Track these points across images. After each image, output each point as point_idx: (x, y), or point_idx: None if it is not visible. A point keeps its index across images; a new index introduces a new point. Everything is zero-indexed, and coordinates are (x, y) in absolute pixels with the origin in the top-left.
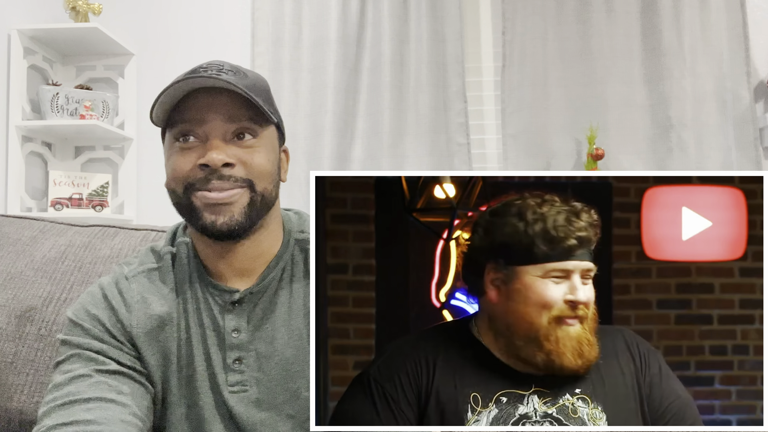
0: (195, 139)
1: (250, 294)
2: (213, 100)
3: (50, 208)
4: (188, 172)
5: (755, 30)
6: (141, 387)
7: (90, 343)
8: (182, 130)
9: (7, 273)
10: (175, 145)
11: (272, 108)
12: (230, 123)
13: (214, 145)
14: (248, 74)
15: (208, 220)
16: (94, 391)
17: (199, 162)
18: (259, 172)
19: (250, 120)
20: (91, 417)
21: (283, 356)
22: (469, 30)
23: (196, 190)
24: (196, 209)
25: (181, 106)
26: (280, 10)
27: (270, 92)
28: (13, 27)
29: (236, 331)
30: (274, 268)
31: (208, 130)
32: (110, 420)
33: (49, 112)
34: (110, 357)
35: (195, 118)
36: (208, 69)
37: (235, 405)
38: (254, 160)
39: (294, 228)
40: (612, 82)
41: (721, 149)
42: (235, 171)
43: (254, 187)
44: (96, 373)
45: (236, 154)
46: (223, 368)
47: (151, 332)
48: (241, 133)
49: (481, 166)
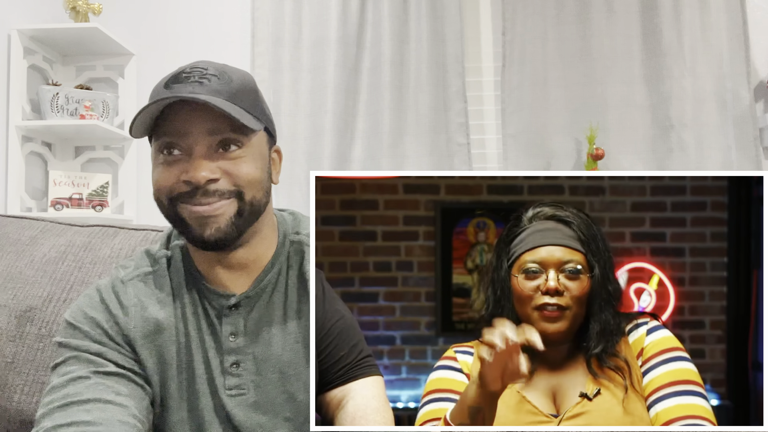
0: (179, 152)
1: (247, 298)
2: (194, 111)
3: (50, 208)
4: (172, 186)
5: (755, 30)
6: (139, 388)
7: (88, 345)
8: (165, 142)
9: (7, 273)
10: (159, 157)
11: (259, 111)
12: (214, 135)
13: (196, 162)
14: (233, 77)
15: (197, 233)
16: (92, 393)
17: (182, 178)
18: (246, 182)
19: (233, 131)
20: (89, 418)
21: (279, 359)
22: (469, 30)
23: (181, 202)
24: (184, 220)
25: (163, 117)
26: (280, 10)
27: (257, 93)
28: (13, 27)
29: (233, 335)
30: (270, 272)
31: (192, 143)
32: (109, 421)
33: (49, 112)
34: (108, 359)
35: (178, 131)
36: (191, 75)
37: (233, 408)
38: (241, 171)
39: (289, 229)
40: (612, 82)
41: (721, 149)
42: (219, 185)
43: (242, 196)
44: (94, 374)
45: (221, 166)
46: (221, 372)
47: (148, 335)
48: (227, 144)
49: (481, 166)
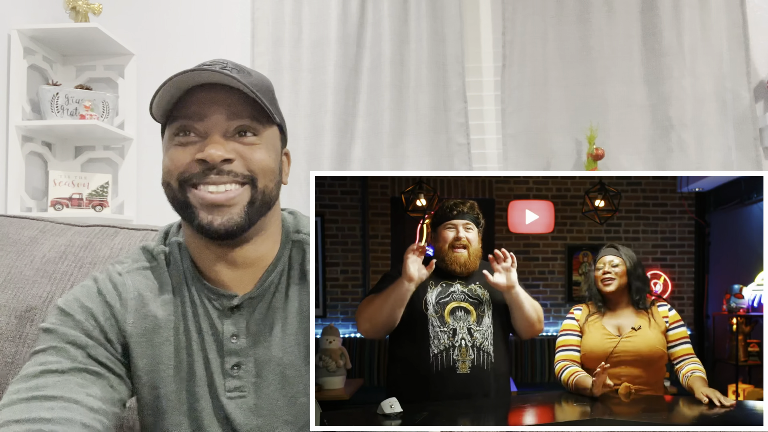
0: (195, 135)
1: (250, 299)
2: (215, 95)
3: (50, 208)
4: (185, 166)
5: (755, 30)
6: (113, 391)
7: (76, 336)
8: (182, 125)
9: (7, 273)
10: (174, 140)
11: (276, 109)
12: (232, 120)
13: (213, 140)
14: (252, 73)
15: (205, 220)
16: (60, 389)
17: (197, 157)
18: (260, 168)
19: (252, 118)
20: (49, 416)
21: (280, 362)
22: (469, 30)
23: (192, 186)
24: (191, 207)
25: (181, 102)
26: (280, 10)
27: (274, 93)
28: (13, 27)
29: (235, 337)
30: (273, 272)
31: (209, 126)
32: (70, 421)
33: (49, 112)
34: (91, 355)
35: (196, 114)
36: (213, 66)
37: (232, 411)
38: (255, 156)
39: (290, 228)
40: (612, 82)
41: (721, 149)
42: (234, 166)
43: (256, 183)
44: (70, 370)
45: (236, 149)
46: (221, 373)
47: (144, 333)
48: (243, 131)
49: (481, 166)
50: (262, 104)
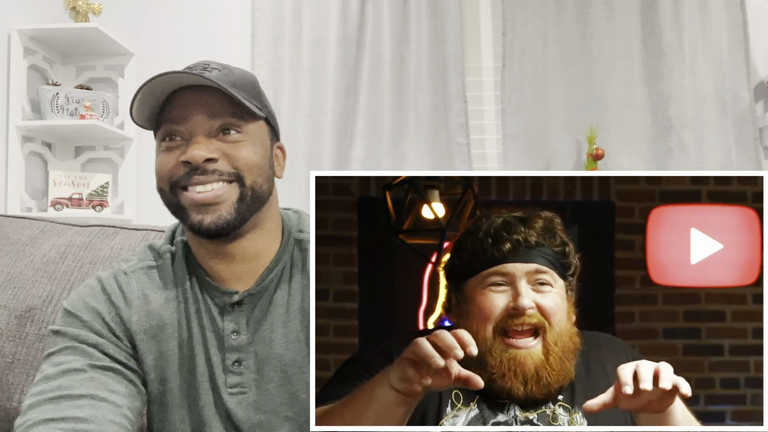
0: (180, 139)
1: (250, 296)
2: (196, 97)
3: (50, 208)
4: (171, 170)
5: (755, 30)
6: (134, 387)
7: (86, 335)
8: (167, 130)
9: (7, 273)
10: (161, 145)
11: (260, 103)
12: (214, 119)
13: (195, 141)
14: (234, 71)
15: (195, 220)
16: (86, 388)
17: (181, 159)
18: (245, 165)
19: (233, 115)
20: (81, 414)
21: (281, 358)
22: (469, 30)
23: (182, 188)
24: (184, 208)
25: (165, 107)
26: (280, 10)
27: (258, 87)
28: (13, 27)
29: (235, 333)
30: (273, 269)
31: (191, 128)
32: (101, 419)
33: (49, 112)
34: (106, 352)
35: (178, 117)
36: (194, 68)
37: (233, 407)
38: (240, 153)
39: (293, 227)
40: (612, 82)
41: (721, 149)
42: (218, 165)
43: (243, 180)
44: (90, 368)
45: (220, 148)
46: (222, 370)
47: (149, 330)
48: (226, 129)
49: (481, 166)
50: (238, 100)
